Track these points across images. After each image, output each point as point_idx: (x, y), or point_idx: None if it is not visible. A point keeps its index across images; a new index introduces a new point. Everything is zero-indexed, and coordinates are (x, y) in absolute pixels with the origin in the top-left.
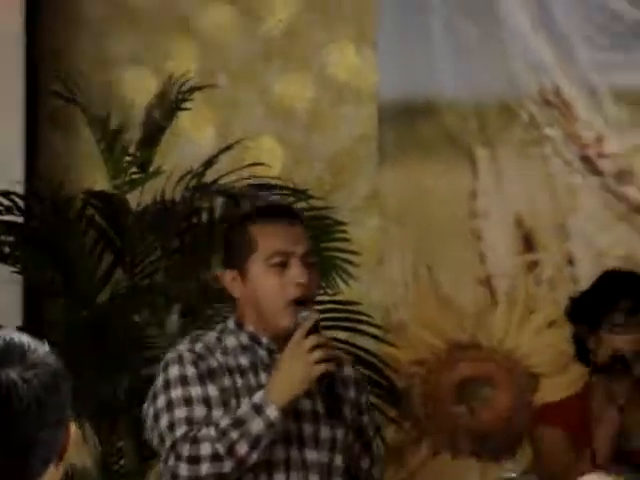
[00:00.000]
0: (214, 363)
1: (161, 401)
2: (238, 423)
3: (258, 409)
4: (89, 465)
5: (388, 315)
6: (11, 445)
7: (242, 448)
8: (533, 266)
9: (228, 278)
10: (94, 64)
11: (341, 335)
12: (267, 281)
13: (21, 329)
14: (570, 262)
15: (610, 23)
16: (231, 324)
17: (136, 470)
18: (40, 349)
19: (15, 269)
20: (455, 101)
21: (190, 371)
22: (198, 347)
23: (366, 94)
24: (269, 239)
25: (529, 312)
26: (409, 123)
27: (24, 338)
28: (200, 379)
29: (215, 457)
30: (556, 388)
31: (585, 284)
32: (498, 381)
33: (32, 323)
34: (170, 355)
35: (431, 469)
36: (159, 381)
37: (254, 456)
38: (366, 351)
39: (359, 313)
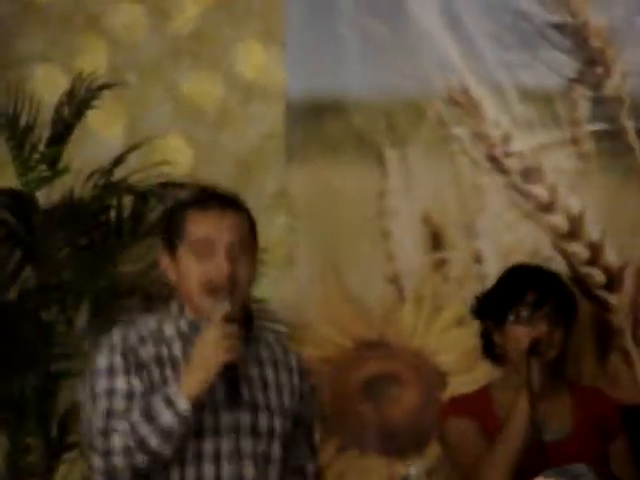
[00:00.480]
0: (144, 355)
1: (87, 390)
2: (149, 417)
3: (169, 402)
4: None
5: (296, 313)
6: None
7: (153, 442)
8: (441, 264)
9: (164, 262)
10: (2, 61)
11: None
12: (188, 267)
13: None
14: (478, 260)
15: (517, 23)
16: (174, 307)
17: (44, 466)
18: None
19: None
20: (363, 100)
21: (118, 362)
22: (131, 335)
23: (274, 93)
24: (195, 226)
25: (437, 310)
26: (317, 122)
27: None
28: (126, 371)
29: (127, 450)
30: (464, 385)
31: (492, 282)
32: (406, 379)
33: None
34: (104, 340)
35: (338, 466)
36: (91, 367)
37: (166, 449)
38: None
39: (267, 311)
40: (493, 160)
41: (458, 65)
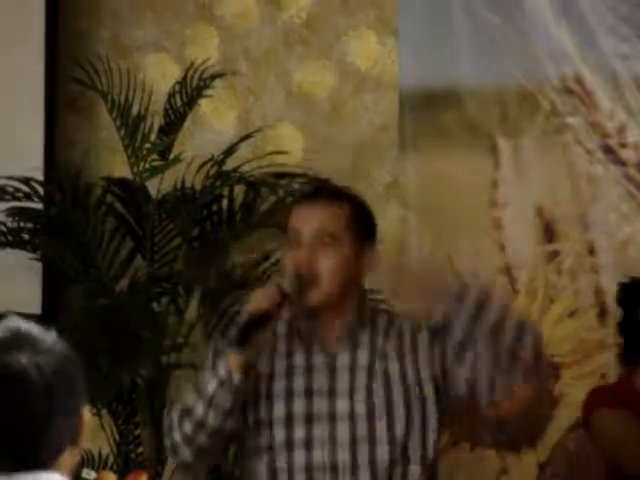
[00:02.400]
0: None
1: None
2: (198, 389)
3: (214, 371)
4: (106, 452)
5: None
6: (23, 430)
7: (198, 410)
8: (553, 256)
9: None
10: (115, 50)
11: None
12: (286, 257)
13: (40, 316)
14: (591, 252)
15: (633, 14)
16: None
17: (154, 458)
18: (49, 337)
19: (34, 256)
20: (477, 90)
21: (209, 356)
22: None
23: (387, 82)
24: (292, 217)
25: (549, 302)
26: (430, 112)
27: (33, 326)
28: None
29: (180, 422)
30: (577, 377)
31: (606, 274)
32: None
33: (51, 310)
34: None
35: (451, 459)
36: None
37: (211, 418)
38: None
39: (380, 302)
40: (608, 151)
41: (572, 55)
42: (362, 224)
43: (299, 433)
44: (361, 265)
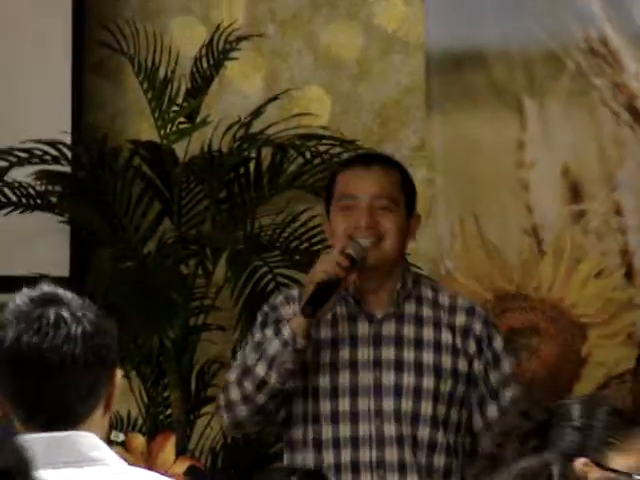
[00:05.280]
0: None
1: None
2: (259, 349)
3: (277, 332)
4: (135, 414)
5: (436, 265)
6: (56, 381)
7: (259, 369)
8: (580, 216)
9: (325, 228)
10: (141, 13)
11: None
12: (335, 224)
13: (68, 279)
14: (618, 212)
15: None
16: None
17: (182, 420)
18: (82, 299)
19: (62, 219)
20: (503, 51)
21: (259, 320)
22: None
23: (414, 44)
24: (341, 184)
25: (576, 262)
26: (457, 73)
27: (66, 291)
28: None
29: (238, 381)
30: (603, 338)
31: (633, 234)
32: (545, 331)
33: (79, 273)
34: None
35: None
36: None
37: (273, 377)
38: None
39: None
40: (634, 112)
41: (598, 16)
42: (410, 190)
43: (344, 406)
44: (408, 231)
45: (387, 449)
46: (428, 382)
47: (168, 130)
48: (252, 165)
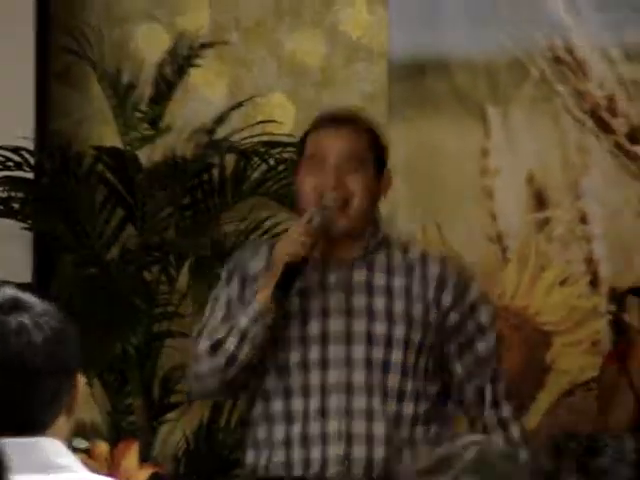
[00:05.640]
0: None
1: None
2: (229, 320)
3: (247, 305)
4: (98, 421)
5: None
6: (19, 388)
7: (230, 343)
8: (544, 224)
9: (296, 183)
10: (106, 20)
11: None
12: (303, 184)
13: (31, 285)
14: (582, 220)
15: None
16: None
17: (145, 427)
18: (45, 304)
19: (25, 225)
20: (466, 58)
21: (224, 274)
22: (247, 251)
23: (377, 51)
24: (311, 142)
25: (540, 270)
26: (420, 81)
27: (29, 295)
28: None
29: (207, 353)
30: (568, 346)
31: (597, 242)
32: (509, 339)
33: (42, 279)
34: None
35: None
36: None
37: (243, 352)
38: None
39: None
40: (598, 120)
41: (562, 23)
42: (380, 147)
43: (314, 354)
44: (379, 189)
45: (356, 397)
46: (399, 330)
47: (131, 136)
48: (216, 172)
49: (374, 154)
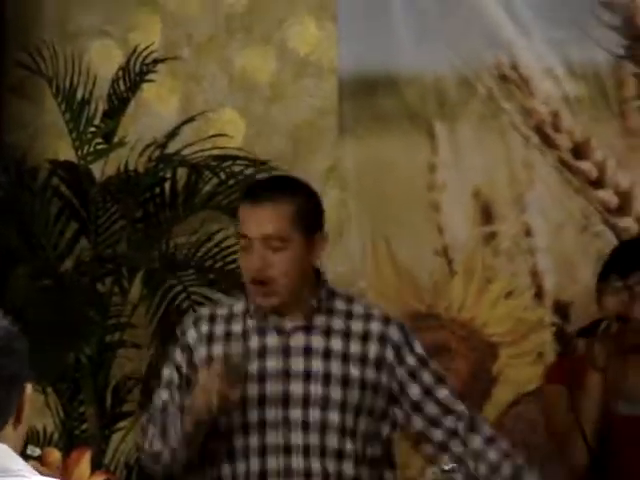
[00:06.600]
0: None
1: None
2: (165, 429)
3: (179, 420)
4: (51, 429)
5: (349, 286)
6: None
7: (165, 456)
8: (491, 237)
9: None
10: (60, 36)
11: None
12: (239, 258)
13: None
14: (527, 234)
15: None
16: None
17: (98, 435)
18: None
19: None
20: (415, 75)
21: (174, 353)
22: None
23: (327, 68)
24: (240, 219)
25: (487, 283)
26: (369, 97)
27: None
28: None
29: (151, 460)
30: (514, 357)
31: (542, 256)
32: (456, 350)
33: None
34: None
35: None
36: None
37: (180, 459)
38: None
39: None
40: (543, 135)
41: (508, 41)
42: (309, 217)
43: (252, 417)
44: (312, 255)
45: (294, 458)
46: (335, 392)
47: (85, 151)
48: (167, 185)
49: (302, 223)
